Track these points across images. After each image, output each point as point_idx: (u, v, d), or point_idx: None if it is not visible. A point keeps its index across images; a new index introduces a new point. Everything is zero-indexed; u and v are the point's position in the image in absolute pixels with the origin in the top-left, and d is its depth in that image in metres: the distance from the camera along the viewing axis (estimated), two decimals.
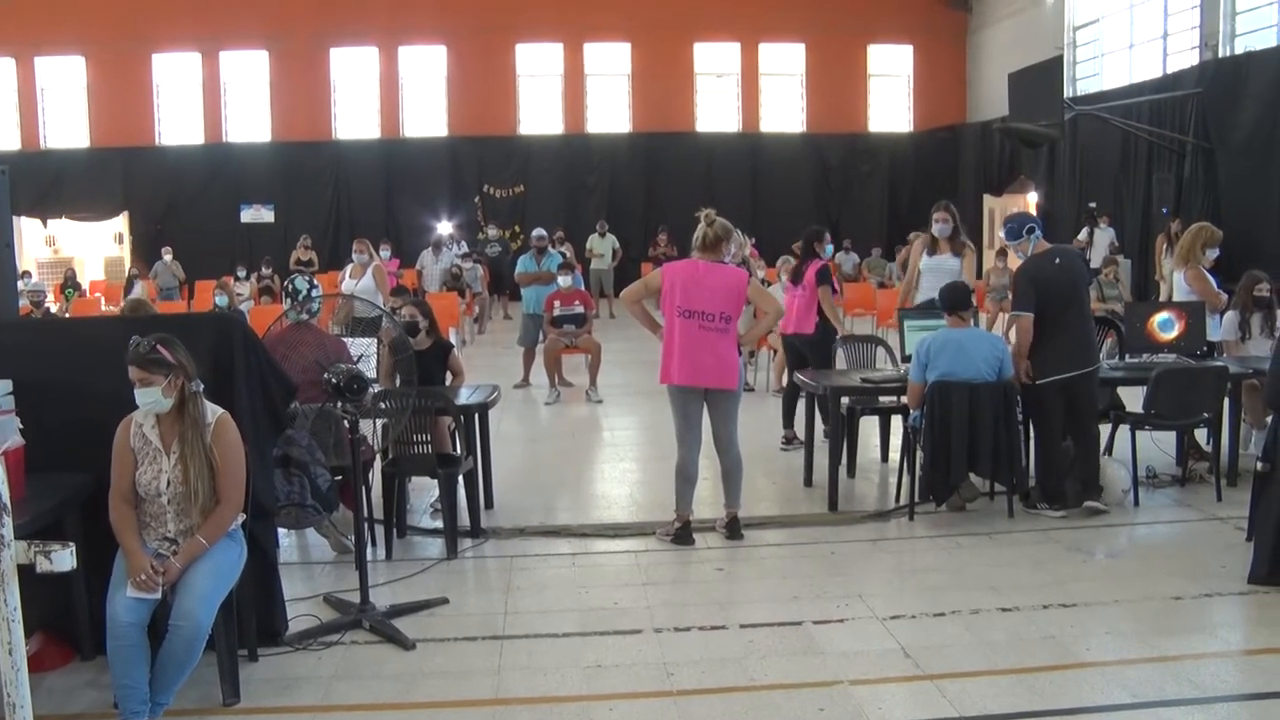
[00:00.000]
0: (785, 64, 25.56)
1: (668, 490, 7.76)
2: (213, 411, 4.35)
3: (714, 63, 25.49)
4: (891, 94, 26.02)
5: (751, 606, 5.47)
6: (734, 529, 6.46)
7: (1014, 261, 7.47)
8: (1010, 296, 7.69)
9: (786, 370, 9.13)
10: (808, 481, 7.64)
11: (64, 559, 2.42)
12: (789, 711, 4.29)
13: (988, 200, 23.52)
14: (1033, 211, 21.47)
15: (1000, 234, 6.64)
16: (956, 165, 24.69)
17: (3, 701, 2.34)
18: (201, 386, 4.30)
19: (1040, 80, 17.84)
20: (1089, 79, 21.19)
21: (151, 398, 4.18)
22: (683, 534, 6.40)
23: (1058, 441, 6.81)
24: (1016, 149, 21.41)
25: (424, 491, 7.41)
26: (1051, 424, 6.78)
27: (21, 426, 4.47)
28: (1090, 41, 21.28)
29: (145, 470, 4.28)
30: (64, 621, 4.69)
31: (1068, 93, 19.24)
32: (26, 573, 2.37)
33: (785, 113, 25.74)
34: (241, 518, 4.45)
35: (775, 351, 11.08)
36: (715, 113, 25.65)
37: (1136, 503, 6.98)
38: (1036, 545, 6.30)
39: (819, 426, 7.84)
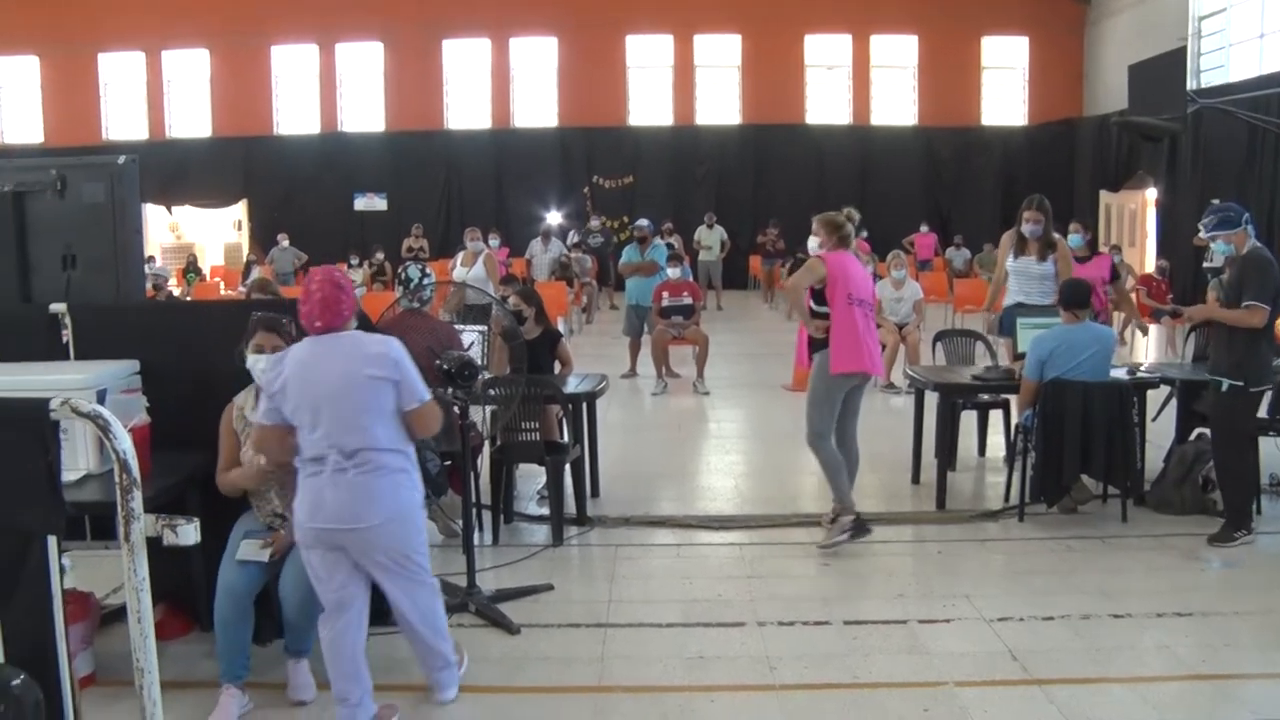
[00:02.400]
0: (897, 56, 25.18)
1: (773, 484, 7.77)
2: None
3: (825, 55, 25.22)
4: (1005, 87, 25.48)
5: (856, 603, 5.45)
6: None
7: (1130, 257, 7.24)
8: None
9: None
10: (915, 478, 7.56)
11: (189, 533, 2.51)
12: (892, 710, 4.26)
13: (1104, 196, 22.91)
14: (1151, 208, 20.91)
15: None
16: (1072, 160, 24.08)
17: (132, 666, 2.43)
18: None
19: (1162, 72, 17.30)
20: (1214, 71, 20.48)
21: (261, 365, 4.30)
22: (860, 525, 6.22)
23: (1251, 455, 6.42)
24: (1135, 143, 20.79)
25: (531, 478, 7.50)
26: (1249, 434, 6.33)
27: (148, 405, 4.65)
28: (1216, 32, 20.57)
29: (248, 450, 4.41)
30: (184, 594, 4.86)
31: (1191, 85, 18.62)
32: (151, 545, 2.47)
33: (896, 105, 25.38)
34: None
35: (884, 346, 10.97)
36: (825, 105, 25.40)
37: (1259, 511, 6.72)
38: (1151, 551, 6.15)
39: (929, 423, 7.72)
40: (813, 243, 6.35)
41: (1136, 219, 21.80)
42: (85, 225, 5.16)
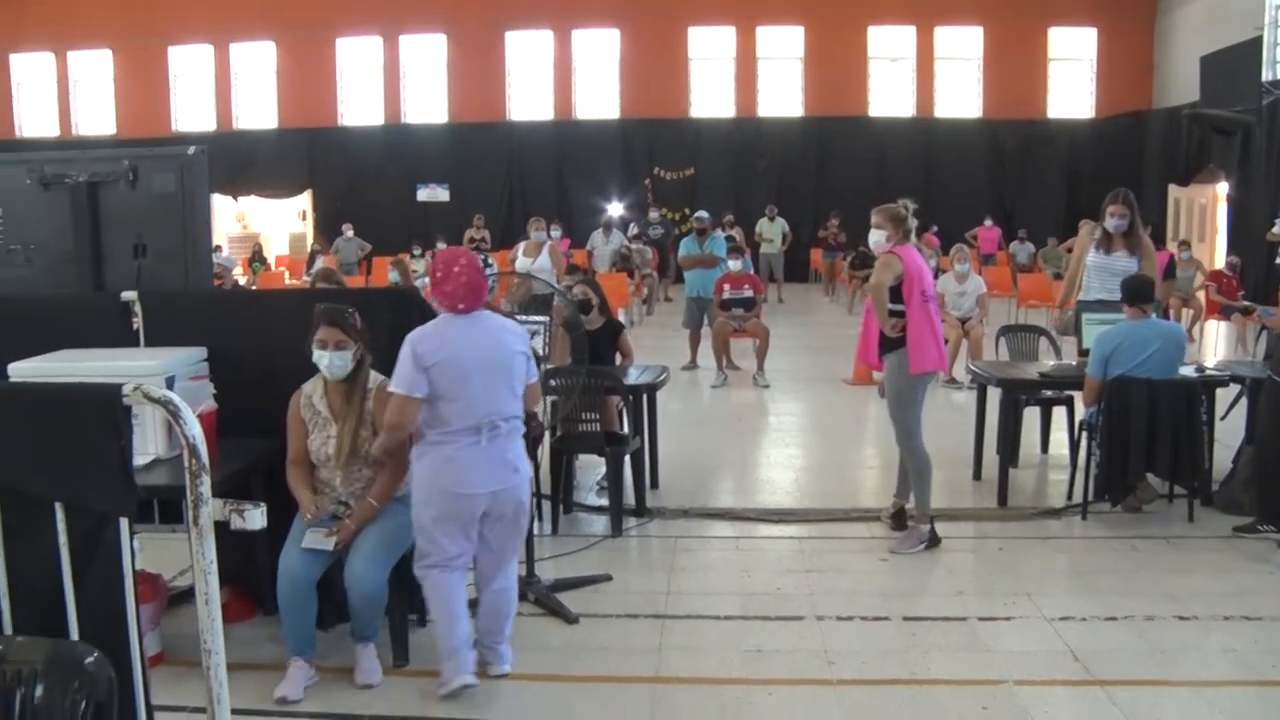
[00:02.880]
0: (962, 48, 24.89)
1: (832, 478, 7.74)
2: (374, 378, 4.54)
3: (888, 46, 24.99)
4: (1072, 78, 25.09)
5: (915, 599, 5.42)
6: (900, 520, 6.39)
7: (1199, 253, 7.06)
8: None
9: None
10: (976, 475, 7.49)
11: (255, 518, 2.54)
12: (951, 708, 4.23)
13: (1173, 190, 22.51)
14: (1222, 203, 20.50)
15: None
16: (1140, 153, 23.66)
17: (198, 646, 2.48)
18: (370, 358, 4.53)
19: (1235, 63, 16.99)
20: None
21: (341, 361, 4.40)
22: (934, 537, 6.14)
23: None
24: (1206, 136, 20.41)
25: (591, 469, 7.52)
26: None
27: (215, 391, 4.72)
28: None
29: (315, 437, 4.50)
30: (248, 577, 4.94)
31: (1266, 76, 18.23)
32: (218, 529, 2.51)
33: (960, 98, 25.09)
34: (409, 480, 4.61)
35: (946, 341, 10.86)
36: (889, 97, 25.17)
37: None
38: (1218, 553, 6.03)
39: (991, 419, 7.64)
40: (877, 236, 6.18)
41: (1206, 214, 21.41)
42: (156, 215, 5.25)
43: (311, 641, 4.45)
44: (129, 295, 4.97)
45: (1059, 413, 8.07)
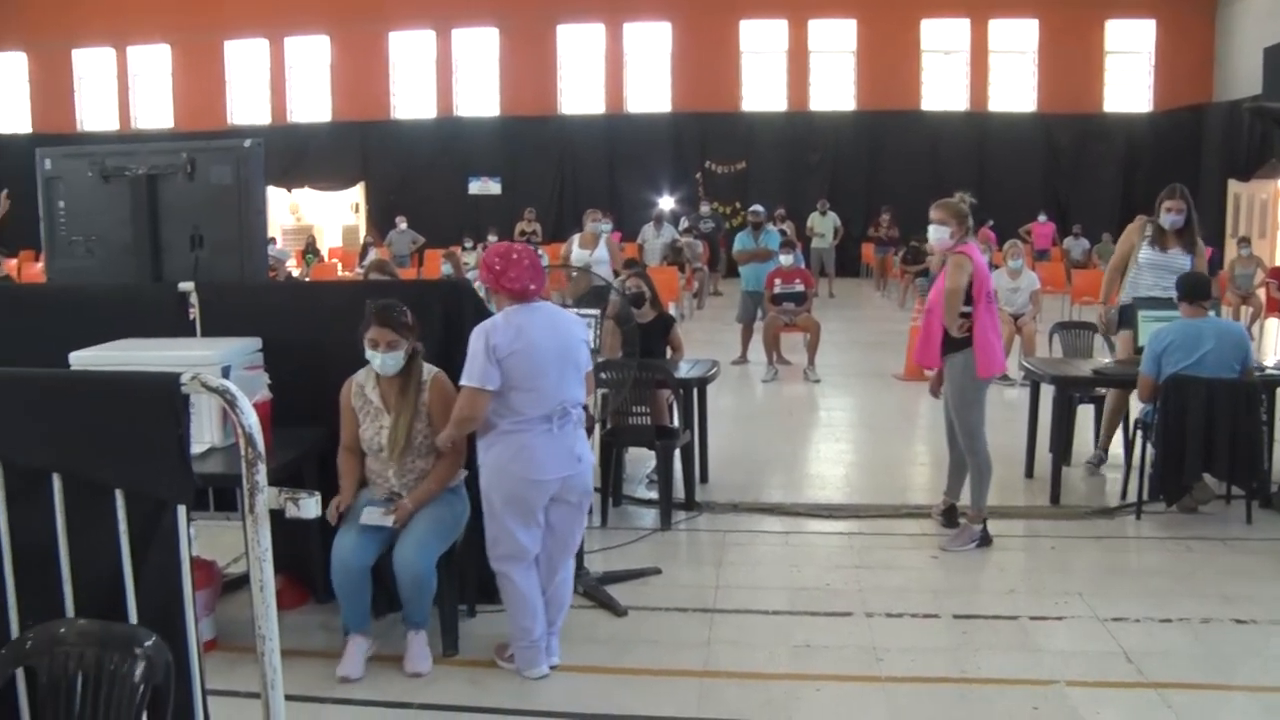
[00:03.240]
0: (1017, 40, 24.60)
1: (883, 474, 7.71)
2: (428, 370, 4.56)
3: (941, 39, 24.77)
4: (1130, 71, 24.72)
5: (966, 597, 5.37)
6: (951, 517, 6.34)
7: (1259, 249, 6.92)
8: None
9: None
10: (1028, 472, 7.42)
11: (310, 506, 2.56)
12: (1001, 707, 4.20)
13: (1232, 186, 22.12)
14: None
15: None
16: (1199, 148, 23.26)
17: (251, 633, 2.51)
18: (423, 349, 4.56)
19: None
20: None
21: (393, 360, 4.44)
22: (986, 536, 6.09)
23: None
24: (1269, 130, 20.03)
25: (641, 462, 7.52)
26: None
27: (270, 381, 4.78)
28: None
29: (367, 427, 4.55)
30: (301, 565, 5.01)
31: None
32: (272, 517, 2.53)
33: (1015, 91, 24.81)
34: (463, 474, 4.67)
35: None
36: (942, 91, 24.94)
37: None
38: (1276, 556, 5.93)
39: (1044, 416, 7.55)
40: (940, 233, 6.03)
41: (1267, 209, 21.02)
42: (213, 207, 5.31)
43: (368, 618, 4.54)
44: (186, 286, 5.04)
45: None
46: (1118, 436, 7.60)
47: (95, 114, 26.55)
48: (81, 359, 4.38)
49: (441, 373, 4.58)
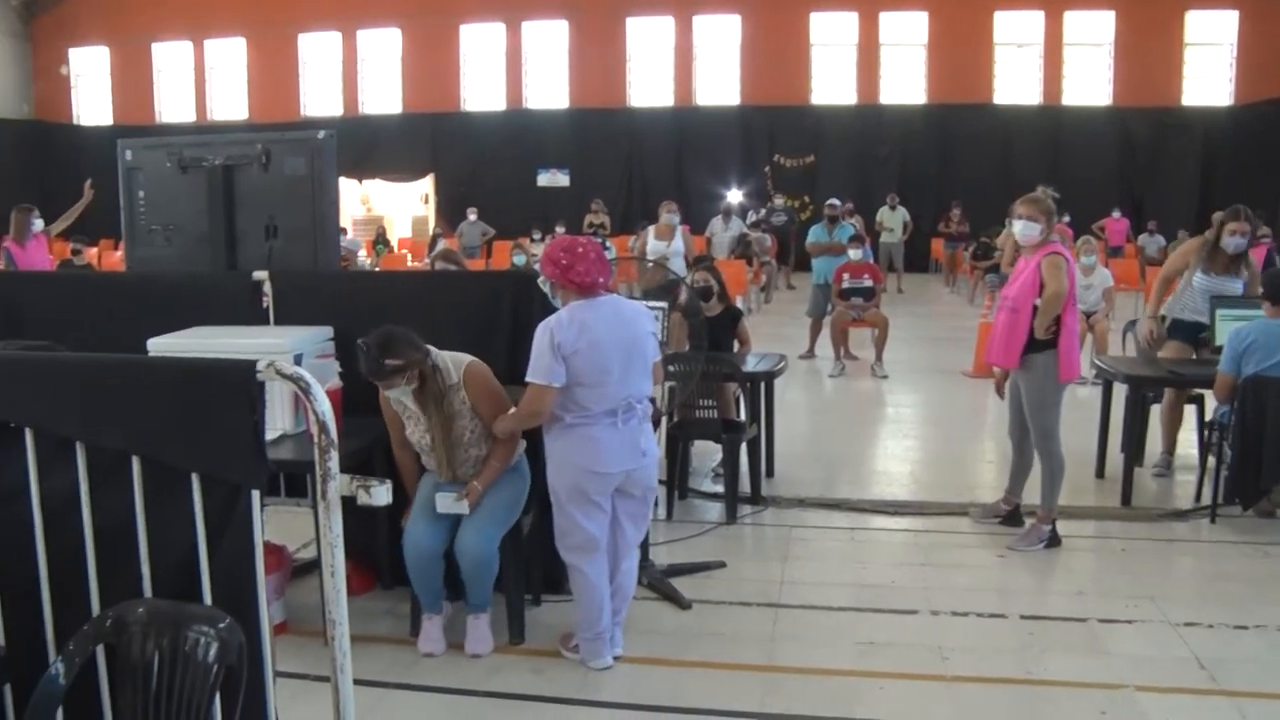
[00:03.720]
0: (1093, 32, 24.15)
1: (950, 471, 7.63)
2: (455, 367, 4.46)
3: (1015, 32, 24.39)
4: (1210, 63, 24.16)
5: (1033, 597, 5.31)
6: (1015, 517, 6.26)
7: None
8: None
9: None
10: (1099, 473, 7.30)
11: (381, 494, 2.60)
12: (1068, 710, 4.15)
13: None
14: None
15: None
16: None
17: (324, 617, 2.55)
18: (434, 359, 4.40)
19: None
20: None
21: (395, 393, 4.40)
22: (1055, 536, 6.00)
23: None
24: None
25: (707, 456, 7.51)
26: None
27: (340, 370, 4.84)
28: None
29: (413, 430, 4.55)
30: (369, 551, 5.08)
31: None
32: (343, 504, 2.57)
33: (1090, 84, 24.36)
34: (523, 444, 4.70)
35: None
36: (1015, 84, 24.58)
37: None
38: None
39: (1115, 415, 7.43)
40: (1029, 230, 5.85)
41: None
42: (287, 197, 5.38)
43: (440, 598, 4.62)
44: (260, 275, 5.12)
45: (1188, 411, 7.81)
46: (1190, 438, 7.46)
47: (173, 106, 27.08)
48: (159, 345, 4.48)
49: (474, 363, 4.50)
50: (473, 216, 21.28)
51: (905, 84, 24.79)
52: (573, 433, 4.28)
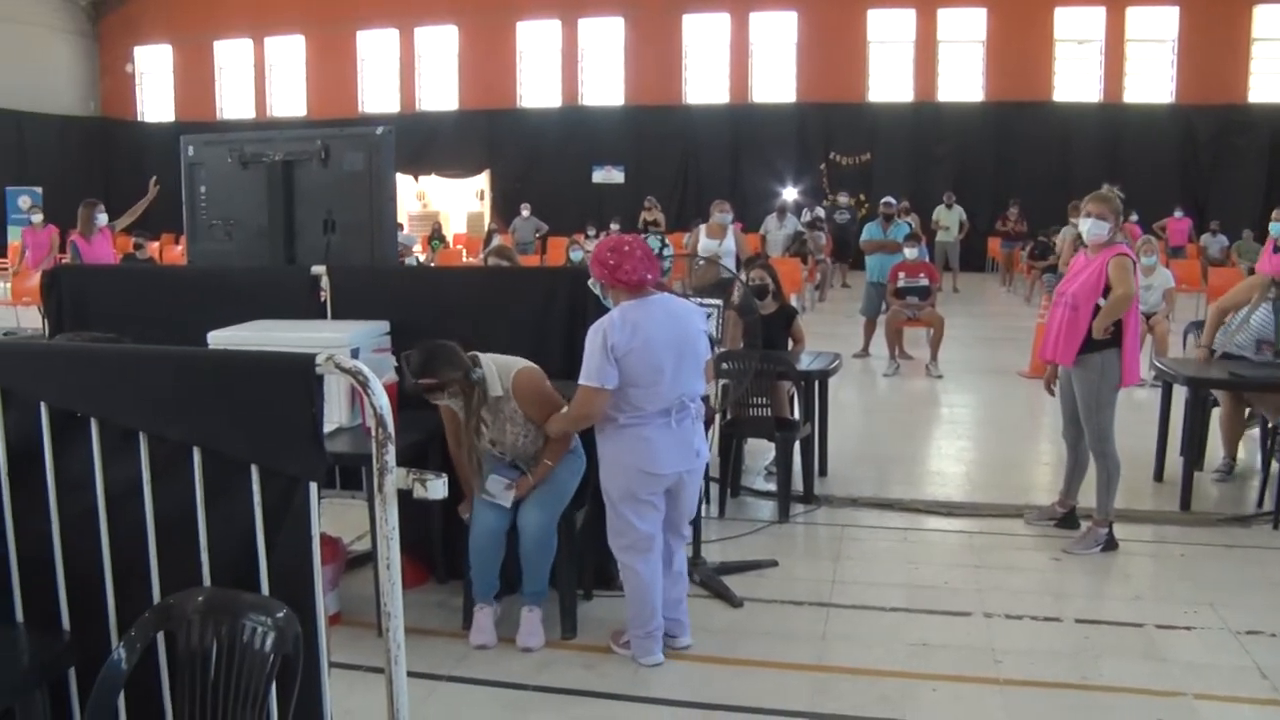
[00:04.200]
0: (1156, 29, 23.74)
1: (1004, 472, 7.56)
2: (505, 374, 4.49)
3: (1075, 28, 24.05)
4: (1278, 59, 23.63)
5: (1089, 601, 5.25)
6: (1070, 520, 6.19)
7: None
8: None
9: None
10: (1158, 476, 7.20)
11: (438, 488, 2.61)
12: (1124, 717, 4.09)
13: None
14: None
15: None
16: None
17: (379, 610, 2.57)
18: (480, 372, 4.44)
19: None
20: None
21: (452, 401, 4.49)
22: (1112, 540, 5.91)
23: None
24: None
25: (760, 454, 7.50)
26: None
27: (396, 364, 4.89)
28: None
29: (467, 435, 4.58)
30: (422, 545, 5.11)
31: None
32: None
33: (1152, 81, 23.96)
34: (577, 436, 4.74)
35: None
36: (1075, 82, 24.23)
37: None
38: None
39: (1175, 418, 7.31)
40: (1098, 228, 5.76)
41: None
42: (344, 192, 5.45)
43: (494, 586, 4.65)
44: (318, 269, 5.18)
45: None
46: (1252, 442, 7.33)
47: (234, 103, 27.50)
48: (218, 338, 4.54)
49: (522, 370, 4.52)
50: (526, 212, 21.38)
51: (963, 81, 24.54)
52: (626, 434, 4.28)
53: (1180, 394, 7.08)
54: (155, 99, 28.28)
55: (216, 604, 2.58)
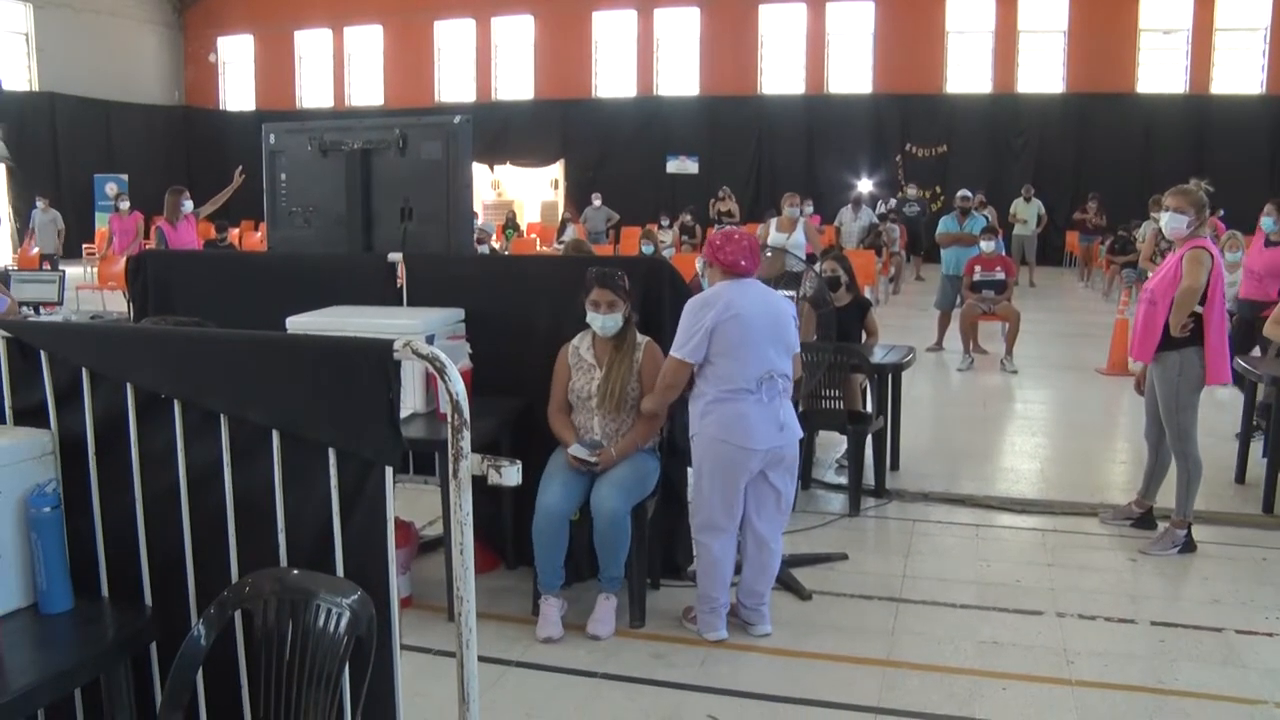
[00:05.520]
0: (1246, 17, 23.11)
1: (1080, 470, 7.44)
2: (641, 337, 4.76)
3: (1161, 18, 23.51)
4: None
5: (1165, 604, 5.15)
6: (1148, 521, 6.08)
7: None
8: None
9: None
10: (1239, 478, 7.05)
11: (512, 474, 2.61)
12: None
13: None
14: None
15: None
16: None
17: (451, 594, 2.59)
18: (636, 316, 4.75)
19: None
20: None
21: (612, 321, 4.64)
22: (1190, 542, 5.79)
23: None
24: None
25: (831, 447, 7.47)
26: None
27: (471, 351, 4.93)
28: None
29: (578, 379, 4.75)
30: (492, 531, 5.16)
31: None
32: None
33: (1243, 71, 23.33)
34: (658, 437, 4.84)
35: None
36: (1160, 72, 23.70)
37: None
38: None
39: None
40: (1177, 222, 5.63)
41: None
42: (422, 181, 5.48)
43: (561, 576, 4.70)
44: (395, 256, 5.23)
45: None
46: None
47: (313, 92, 27.89)
48: (297, 323, 4.61)
49: (654, 342, 4.77)
50: (597, 202, 21.42)
51: (1043, 72, 24.12)
52: (722, 409, 4.44)
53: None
54: (237, 88, 28.79)
55: (292, 585, 2.62)
